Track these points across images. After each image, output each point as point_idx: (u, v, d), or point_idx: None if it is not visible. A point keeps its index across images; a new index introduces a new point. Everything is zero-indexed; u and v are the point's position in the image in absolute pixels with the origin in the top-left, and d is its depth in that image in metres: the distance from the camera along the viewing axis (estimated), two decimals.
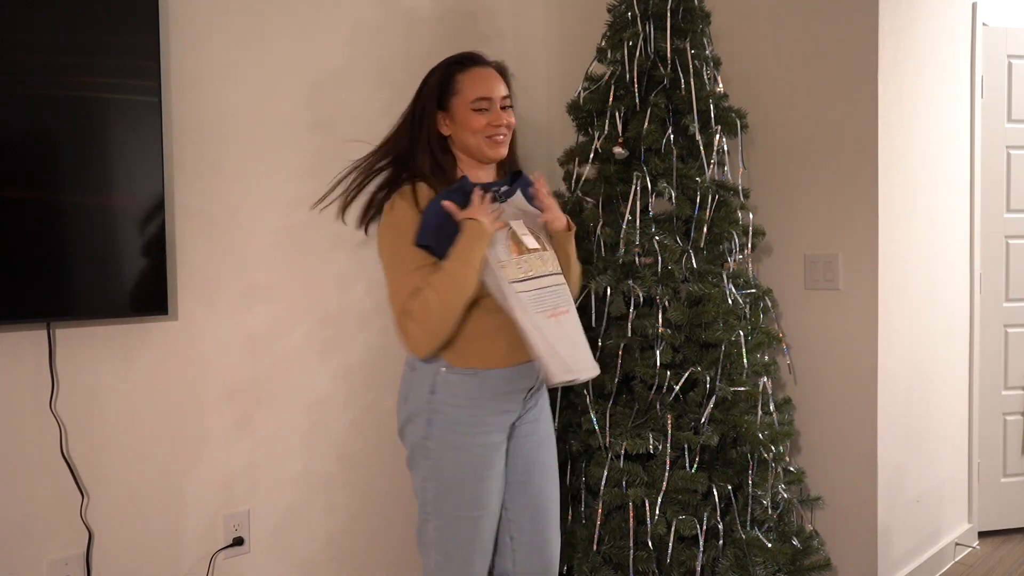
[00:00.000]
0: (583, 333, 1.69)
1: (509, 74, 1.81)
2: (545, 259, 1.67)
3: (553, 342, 1.61)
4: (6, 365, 1.76)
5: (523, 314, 1.61)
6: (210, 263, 2.06)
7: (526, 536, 1.80)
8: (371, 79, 2.37)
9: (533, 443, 1.81)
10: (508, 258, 1.64)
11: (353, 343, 2.35)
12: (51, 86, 1.71)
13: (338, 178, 1.82)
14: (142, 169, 1.85)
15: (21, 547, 1.79)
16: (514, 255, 1.65)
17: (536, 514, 1.81)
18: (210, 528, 2.09)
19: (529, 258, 1.66)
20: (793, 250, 2.62)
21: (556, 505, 1.86)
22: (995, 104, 3.17)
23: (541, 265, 1.66)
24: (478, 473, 1.68)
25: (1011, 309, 3.26)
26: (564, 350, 1.62)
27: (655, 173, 2.20)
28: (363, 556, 2.41)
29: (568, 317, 1.67)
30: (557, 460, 1.89)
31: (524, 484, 1.80)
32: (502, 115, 1.72)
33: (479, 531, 1.70)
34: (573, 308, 1.69)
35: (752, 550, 2.09)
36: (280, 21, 2.18)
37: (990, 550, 3.16)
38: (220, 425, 2.10)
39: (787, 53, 2.61)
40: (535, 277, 1.65)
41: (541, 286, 1.65)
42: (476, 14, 2.67)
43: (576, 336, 1.67)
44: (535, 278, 1.65)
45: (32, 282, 1.71)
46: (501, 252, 1.65)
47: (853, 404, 2.52)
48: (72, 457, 1.85)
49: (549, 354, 1.58)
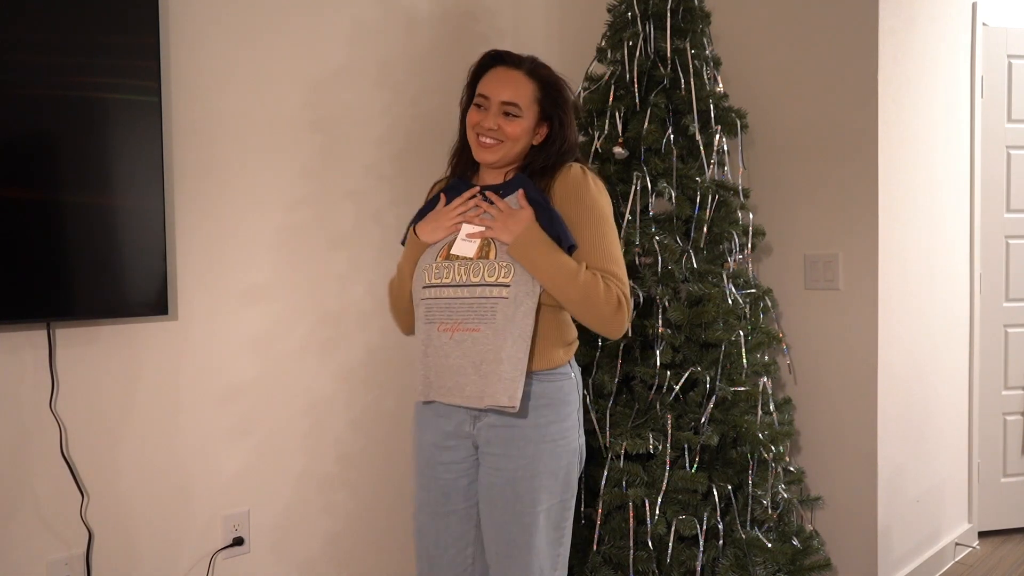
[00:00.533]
0: (500, 362, 1.51)
1: (556, 88, 1.67)
2: (475, 269, 1.55)
3: (426, 357, 1.57)
4: (6, 365, 1.76)
5: (418, 321, 1.62)
6: (210, 263, 2.06)
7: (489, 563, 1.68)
8: (371, 79, 2.37)
9: (490, 480, 1.62)
10: (431, 263, 1.61)
11: (353, 343, 2.35)
12: (51, 86, 1.71)
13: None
14: (142, 169, 1.85)
15: (21, 547, 1.79)
16: (440, 259, 1.61)
17: (489, 551, 1.66)
18: (210, 528, 2.09)
19: (451, 265, 1.57)
20: (793, 250, 2.62)
21: (511, 552, 1.61)
22: (995, 104, 3.17)
23: (464, 274, 1.55)
24: (416, 470, 1.74)
25: (1011, 309, 3.26)
26: (432, 369, 1.55)
27: (655, 173, 2.20)
28: (363, 556, 2.41)
29: (477, 336, 1.54)
30: (534, 508, 1.60)
31: (482, 516, 1.66)
32: (491, 119, 1.61)
33: (416, 528, 1.73)
34: (498, 329, 1.52)
35: (752, 550, 2.09)
36: (279, 21, 2.18)
37: (990, 550, 3.16)
38: (220, 425, 2.10)
39: (787, 53, 2.61)
40: (450, 285, 1.56)
41: (455, 295, 1.56)
42: (476, 14, 2.67)
43: (469, 360, 1.54)
44: (450, 286, 1.56)
45: (32, 282, 1.71)
46: (429, 256, 1.62)
47: (853, 404, 2.51)
48: (72, 457, 1.85)
49: (417, 368, 1.51)
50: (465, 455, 1.68)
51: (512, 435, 1.60)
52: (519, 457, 1.59)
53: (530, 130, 1.66)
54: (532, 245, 1.55)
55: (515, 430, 1.60)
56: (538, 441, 1.60)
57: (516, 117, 1.63)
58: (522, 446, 1.59)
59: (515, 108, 1.62)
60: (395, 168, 2.42)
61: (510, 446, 1.59)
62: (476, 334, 1.56)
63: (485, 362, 1.56)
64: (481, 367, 1.56)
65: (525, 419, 1.60)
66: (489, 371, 1.55)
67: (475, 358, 1.57)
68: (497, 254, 1.57)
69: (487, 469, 1.63)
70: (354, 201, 2.34)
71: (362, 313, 2.37)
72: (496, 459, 1.61)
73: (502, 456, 1.60)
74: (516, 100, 1.62)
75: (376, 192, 2.38)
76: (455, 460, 1.68)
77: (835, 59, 2.50)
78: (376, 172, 2.39)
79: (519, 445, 1.59)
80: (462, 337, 1.57)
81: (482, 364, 1.56)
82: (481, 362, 1.56)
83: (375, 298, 2.39)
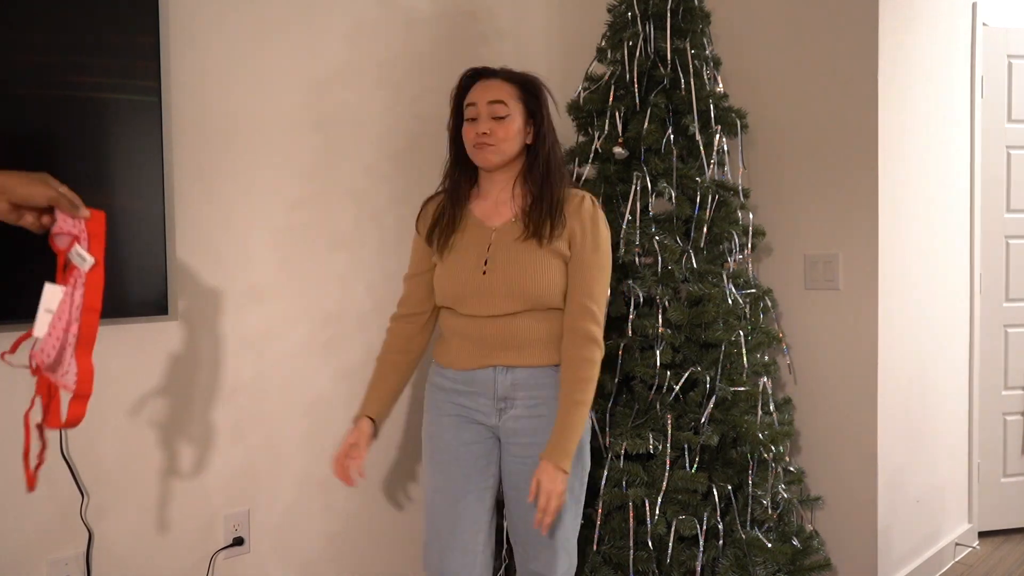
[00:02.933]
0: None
1: (535, 88, 1.77)
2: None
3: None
4: (5, 365, 1.76)
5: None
6: (210, 263, 2.06)
7: (516, 548, 1.85)
8: (371, 78, 2.37)
9: (517, 468, 1.77)
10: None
11: (353, 343, 2.35)
12: (51, 86, 1.71)
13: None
14: (142, 169, 1.85)
15: (21, 547, 1.79)
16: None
17: (516, 532, 1.83)
18: (210, 528, 2.09)
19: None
20: (793, 250, 2.62)
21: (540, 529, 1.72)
22: (995, 104, 3.17)
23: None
24: (432, 454, 1.80)
25: (1011, 309, 3.26)
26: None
27: (655, 173, 2.20)
28: (363, 556, 2.41)
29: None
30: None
31: (508, 501, 1.83)
32: (484, 124, 1.71)
33: (432, 511, 1.78)
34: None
35: (752, 550, 2.09)
36: (279, 20, 2.18)
37: (990, 550, 3.16)
38: (220, 425, 2.10)
39: (787, 53, 2.61)
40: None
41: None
42: (476, 13, 2.67)
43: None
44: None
45: (32, 282, 1.71)
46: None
47: (853, 404, 2.52)
48: (72, 457, 1.85)
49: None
50: (486, 436, 1.80)
51: (538, 425, 1.74)
52: (545, 443, 1.73)
53: (521, 129, 1.75)
54: (565, 459, 1.66)
55: (541, 420, 1.75)
56: None
57: (505, 118, 1.72)
58: (547, 432, 1.73)
59: (502, 107, 1.72)
60: (395, 168, 2.42)
61: (538, 435, 1.74)
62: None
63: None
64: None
65: (547, 409, 1.75)
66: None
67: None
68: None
69: (514, 458, 1.77)
70: (354, 201, 2.34)
71: (362, 313, 2.36)
72: (523, 448, 1.75)
73: (530, 445, 1.74)
74: (502, 98, 1.72)
75: (376, 192, 2.38)
76: (476, 440, 1.79)
77: (835, 59, 2.50)
78: (376, 172, 2.39)
79: (545, 432, 1.74)
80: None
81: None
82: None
83: (375, 298, 2.39)
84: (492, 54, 2.70)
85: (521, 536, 1.80)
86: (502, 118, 1.72)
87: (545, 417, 1.74)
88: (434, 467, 1.79)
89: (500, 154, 1.73)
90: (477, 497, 1.77)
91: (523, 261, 1.70)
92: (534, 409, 1.75)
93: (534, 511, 1.74)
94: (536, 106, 1.76)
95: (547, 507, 1.61)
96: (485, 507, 1.79)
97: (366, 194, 2.36)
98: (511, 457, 1.78)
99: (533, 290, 1.69)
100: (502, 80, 1.76)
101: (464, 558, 1.75)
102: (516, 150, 1.75)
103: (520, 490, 1.77)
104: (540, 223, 1.71)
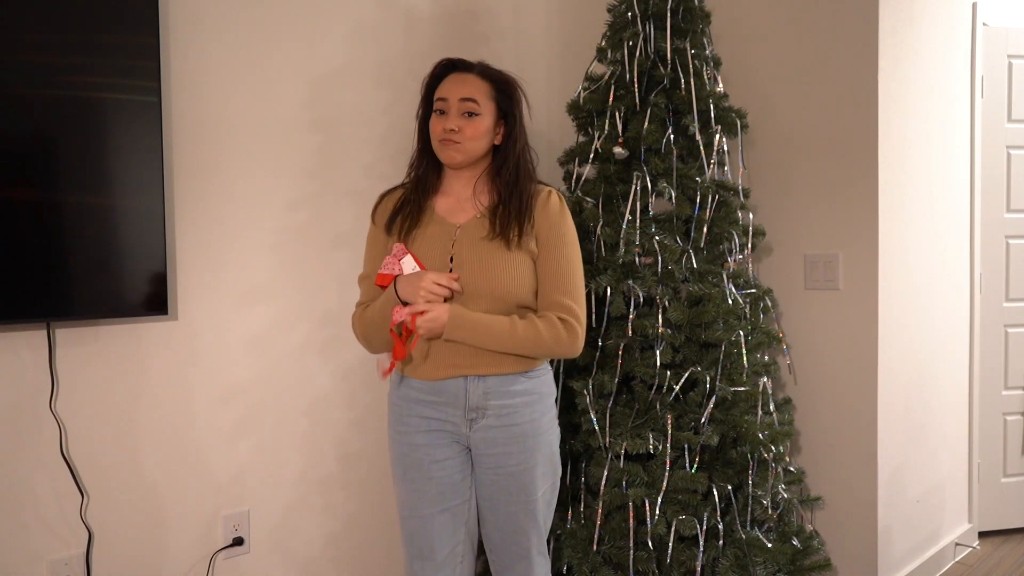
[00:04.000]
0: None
1: (509, 87, 1.74)
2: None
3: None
4: (6, 365, 1.76)
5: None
6: (210, 263, 2.06)
7: (491, 558, 1.81)
8: (370, 78, 2.37)
9: (490, 478, 1.72)
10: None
11: (353, 343, 2.35)
12: (51, 86, 1.71)
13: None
14: (142, 169, 1.85)
15: (21, 547, 1.79)
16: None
17: (486, 541, 1.79)
18: (210, 528, 2.09)
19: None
20: (793, 250, 2.62)
21: (517, 537, 1.74)
22: (995, 104, 3.17)
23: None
24: (405, 472, 1.72)
25: (1011, 309, 3.26)
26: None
27: (655, 173, 2.20)
28: (362, 556, 2.41)
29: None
30: (535, 494, 1.73)
31: (482, 512, 1.77)
32: (453, 120, 1.67)
33: (409, 530, 1.73)
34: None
35: (752, 550, 2.09)
36: (279, 20, 2.18)
37: (990, 550, 3.16)
38: (220, 425, 2.10)
39: (787, 53, 2.61)
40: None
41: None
42: (476, 13, 2.67)
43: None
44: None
45: (32, 282, 1.71)
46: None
47: (853, 404, 2.51)
48: (72, 457, 1.85)
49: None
50: (458, 452, 1.73)
51: (510, 435, 1.69)
52: (519, 453, 1.70)
53: (490, 129, 1.72)
54: (460, 329, 1.63)
55: (513, 430, 1.69)
56: (534, 435, 1.71)
57: (475, 115, 1.69)
58: (521, 442, 1.70)
59: (474, 105, 1.68)
60: (395, 168, 2.42)
61: (510, 445, 1.69)
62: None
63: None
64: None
65: (520, 417, 1.70)
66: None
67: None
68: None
69: (486, 470, 1.72)
70: (354, 201, 2.34)
71: None
72: (495, 458, 1.70)
73: (503, 455, 1.69)
74: (473, 96, 1.68)
75: (376, 192, 2.38)
76: (449, 456, 1.72)
77: (835, 59, 2.50)
78: (376, 172, 2.39)
79: (518, 442, 1.69)
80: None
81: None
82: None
83: None
84: (492, 54, 2.70)
85: (497, 548, 1.77)
86: (472, 115, 1.68)
87: (518, 426, 1.69)
88: (407, 486, 1.73)
89: (465, 153, 1.69)
90: (452, 514, 1.73)
91: (490, 260, 1.66)
92: (506, 419, 1.69)
93: (509, 523, 1.73)
94: (509, 106, 1.73)
95: (422, 325, 1.60)
96: (461, 520, 1.75)
97: (366, 194, 2.36)
98: (483, 469, 1.72)
99: (501, 289, 1.65)
100: (477, 76, 1.71)
101: (444, 571, 1.73)
102: (483, 150, 1.72)
103: (494, 501, 1.72)
104: (507, 225, 1.68)
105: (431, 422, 1.71)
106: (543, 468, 1.74)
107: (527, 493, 1.71)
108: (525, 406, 1.70)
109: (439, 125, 1.69)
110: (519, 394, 1.70)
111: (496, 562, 1.79)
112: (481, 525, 1.78)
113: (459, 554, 1.75)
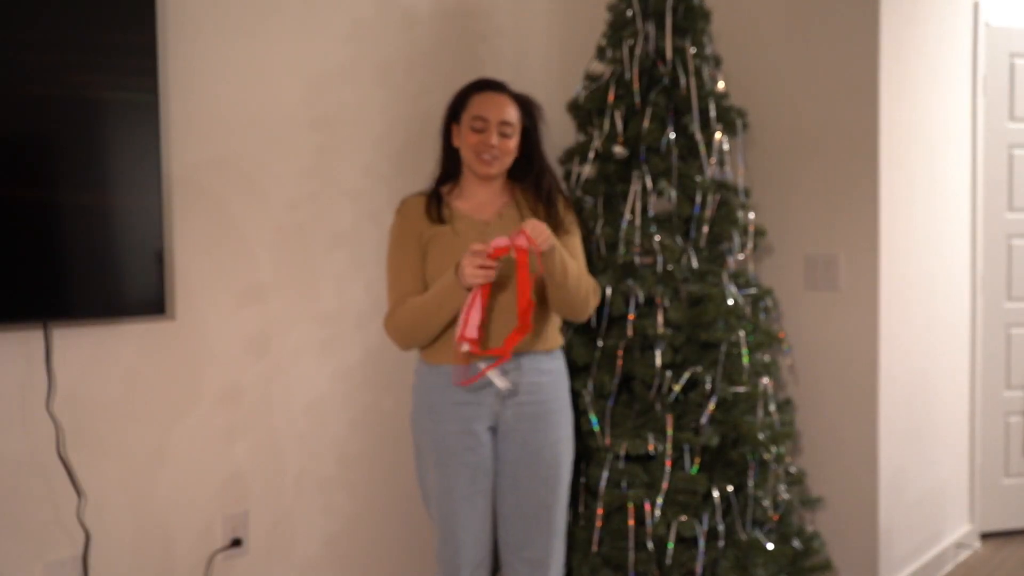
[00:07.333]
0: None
1: (533, 108, 1.96)
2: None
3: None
4: (2, 365, 1.75)
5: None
6: (209, 263, 2.06)
7: (508, 538, 1.93)
8: (370, 78, 2.36)
9: (516, 455, 1.89)
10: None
11: (352, 343, 2.35)
12: (48, 85, 1.70)
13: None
14: (139, 168, 1.84)
15: (17, 549, 1.78)
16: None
17: (504, 521, 1.92)
18: (208, 529, 2.08)
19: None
20: (793, 250, 2.61)
21: (539, 512, 1.90)
22: (997, 103, 3.17)
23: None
24: (439, 458, 1.86)
25: (1013, 309, 3.25)
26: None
27: (655, 172, 2.20)
28: (362, 557, 2.40)
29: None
30: (557, 470, 1.92)
31: (503, 490, 1.91)
32: (494, 138, 1.85)
33: (451, 514, 1.85)
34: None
35: (753, 551, 2.09)
36: (278, 19, 2.17)
37: (991, 551, 3.15)
38: (219, 425, 2.09)
39: (788, 52, 2.61)
40: None
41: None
42: (475, 12, 2.66)
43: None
44: None
45: (29, 282, 1.70)
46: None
47: (854, 405, 2.51)
48: (69, 458, 1.85)
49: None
50: (488, 436, 1.88)
51: (539, 411, 1.88)
52: (545, 429, 1.88)
53: (519, 145, 1.94)
54: (554, 244, 1.79)
55: (542, 407, 1.88)
56: (559, 411, 1.92)
57: (509, 136, 1.90)
58: (546, 418, 1.89)
59: (510, 128, 1.89)
60: (394, 168, 2.41)
61: (538, 421, 1.87)
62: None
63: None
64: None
65: (546, 394, 1.89)
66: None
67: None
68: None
69: (513, 445, 1.87)
70: (353, 200, 2.34)
71: (361, 313, 2.36)
72: (523, 434, 1.87)
73: (531, 431, 1.87)
74: (511, 120, 1.90)
75: (375, 192, 2.37)
76: (481, 443, 1.86)
77: (836, 58, 2.49)
78: (375, 172, 2.38)
79: (544, 418, 1.88)
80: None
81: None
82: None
83: (374, 298, 2.38)
84: (491, 53, 2.70)
85: (517, 522, 1.89)
86: (507, 135, 1.89)
87: (545, 403, 1.88)
88: (441, 471, 1.86)
89: (502, 166, 1.91)
90: (484, 496, 1.88)
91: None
92: (536, 395, 1.86)
93: (531, 499, 1.87)
94: (531, 123, 1.96)
95: (538, 235, 1.70)
96: (489, 501, 1.90)
97: (365, 194, 2.36)
98: (509, 446, 1.87)
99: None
100: (509, 98, 1.91)
101: (476, 550, 1.87)
102: (512, 162, 1.93)
103: (517, 477, 1.87)
104: (551, 219, 1.89)
105: (464, 408, 1.84)
106: (565, 444, 1.93)
107: (550, 467, 1.88)
108: (551, 384, 1.90)
109: (479, 140, 1.87)
110: (546, 372, 1.89)
111: (514, 541, 1.90)
112: (498, 506, 1.91)
113: (487, 532, 1.90)
